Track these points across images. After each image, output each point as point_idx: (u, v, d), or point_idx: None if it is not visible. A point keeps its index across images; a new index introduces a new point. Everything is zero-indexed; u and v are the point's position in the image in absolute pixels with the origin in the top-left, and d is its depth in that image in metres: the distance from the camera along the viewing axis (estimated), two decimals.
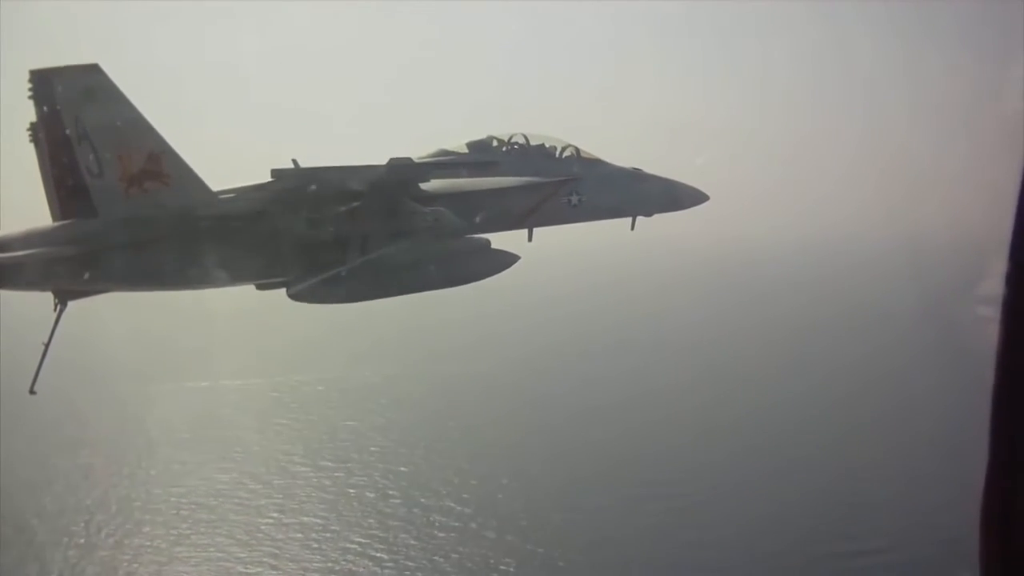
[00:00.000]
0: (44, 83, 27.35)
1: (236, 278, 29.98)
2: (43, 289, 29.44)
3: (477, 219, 30.52)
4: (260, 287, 30.97)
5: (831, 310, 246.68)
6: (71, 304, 30.29)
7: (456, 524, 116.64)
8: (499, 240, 31.98)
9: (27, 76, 27.74)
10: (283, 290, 30.13)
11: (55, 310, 29.79)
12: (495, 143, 32.54)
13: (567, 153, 33.07)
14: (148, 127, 27.54)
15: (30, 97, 27.84)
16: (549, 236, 33.64)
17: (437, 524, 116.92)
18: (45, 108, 27.83)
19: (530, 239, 32.48)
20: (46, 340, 30.05)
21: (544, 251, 34.72)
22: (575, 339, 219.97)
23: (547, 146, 33.00)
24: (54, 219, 29.50)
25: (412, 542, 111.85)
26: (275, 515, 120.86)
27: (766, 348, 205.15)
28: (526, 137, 32.88)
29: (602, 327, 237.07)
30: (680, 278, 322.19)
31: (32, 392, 30.13)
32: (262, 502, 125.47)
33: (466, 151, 32.20)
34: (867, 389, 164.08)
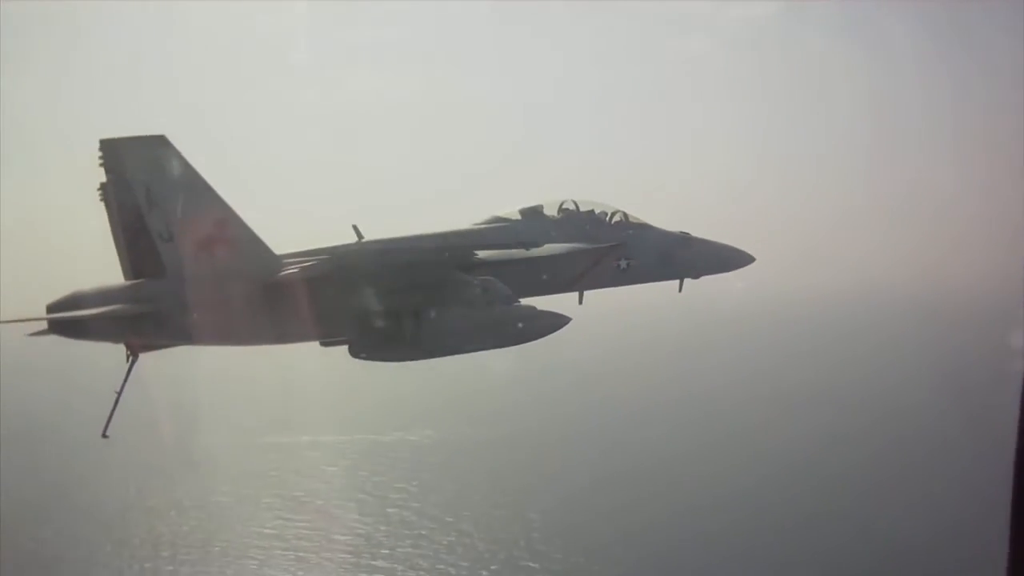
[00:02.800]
0: (113, 152, 29.02)
1: (299, 337, 31.40)
2: (116, 342, 30.89)
3: (528, 286, 31.68)
4: (324, 344, 32.20)
5: (855, 368, 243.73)
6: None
7: None
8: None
9: (97, 145, 29.25)
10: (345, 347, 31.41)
11: (127, 361, 31.13)
12: (546, 210, 33.69)
13: (616, 218, 34.07)
14: (214, 195, 29.19)
15: (100, 165, 29.41)
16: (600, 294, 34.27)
17: None
18: (114, 176, 29.38)
19: (580, 302, 33.40)
20: (118, 388, 31.37)
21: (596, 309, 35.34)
22: (618, 401, 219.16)
23: (597, 212, 34.07)
24: (125, 276, 31.07)
25: None
26: None
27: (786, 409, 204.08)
28: (576, 203, 34.03)
29: (649, 386, 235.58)
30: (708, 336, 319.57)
31: (105, 436, 31.78)
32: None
33: (519, 218, 33.45)
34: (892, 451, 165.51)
